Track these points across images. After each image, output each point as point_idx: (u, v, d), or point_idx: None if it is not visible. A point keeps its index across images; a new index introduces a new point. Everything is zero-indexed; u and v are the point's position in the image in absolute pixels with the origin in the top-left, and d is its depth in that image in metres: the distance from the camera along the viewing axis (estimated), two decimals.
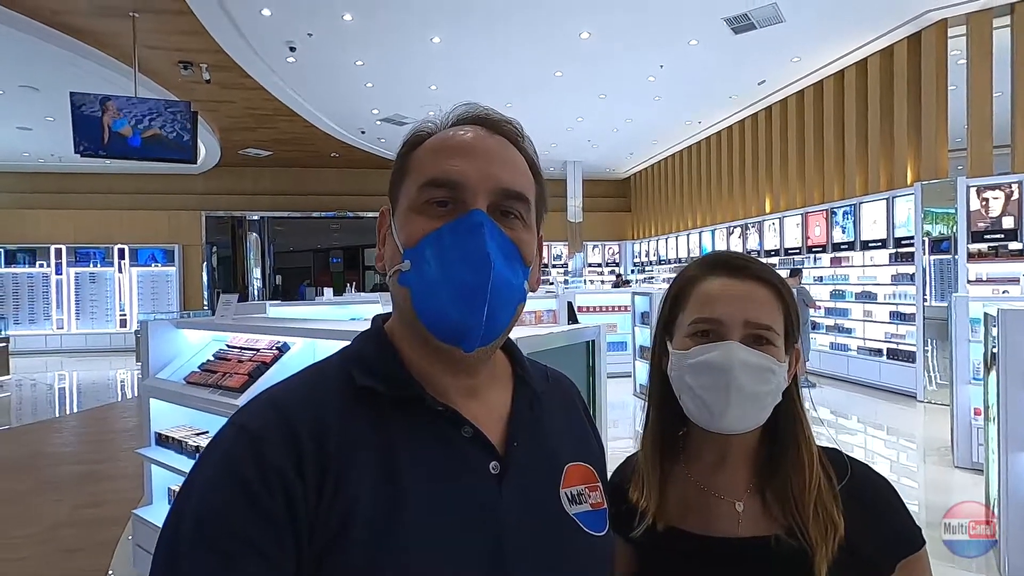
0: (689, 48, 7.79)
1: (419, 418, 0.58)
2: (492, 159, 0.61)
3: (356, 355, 0.63)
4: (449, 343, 0.58)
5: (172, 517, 0.52)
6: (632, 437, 5.99)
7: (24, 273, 13.45)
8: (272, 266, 18.18)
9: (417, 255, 0.59)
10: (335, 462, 0.53)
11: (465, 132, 0.63)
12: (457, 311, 0.56)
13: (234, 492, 0.50)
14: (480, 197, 0.59)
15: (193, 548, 0.48)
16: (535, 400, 0.68)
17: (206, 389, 2.57)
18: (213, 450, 0.55)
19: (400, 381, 0.60)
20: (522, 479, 0.61)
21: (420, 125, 0.66)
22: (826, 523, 0.71)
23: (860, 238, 8.05)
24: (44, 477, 4.72)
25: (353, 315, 4.74)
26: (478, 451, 0.60)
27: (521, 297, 0.62)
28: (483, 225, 0.58)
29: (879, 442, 5.61)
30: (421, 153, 0.63)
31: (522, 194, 0.62)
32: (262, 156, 13.87)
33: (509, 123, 0.66)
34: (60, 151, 11.83)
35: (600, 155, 13.93)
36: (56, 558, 3.26)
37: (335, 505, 0.52)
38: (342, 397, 0.58)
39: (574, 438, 0.72)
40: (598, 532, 0.65)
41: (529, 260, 0.63)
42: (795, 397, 0.78)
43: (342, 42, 7.46)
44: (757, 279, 0.75)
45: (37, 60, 7.40)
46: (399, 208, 0.63)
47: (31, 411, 7.72)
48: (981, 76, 6.88)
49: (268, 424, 0.54)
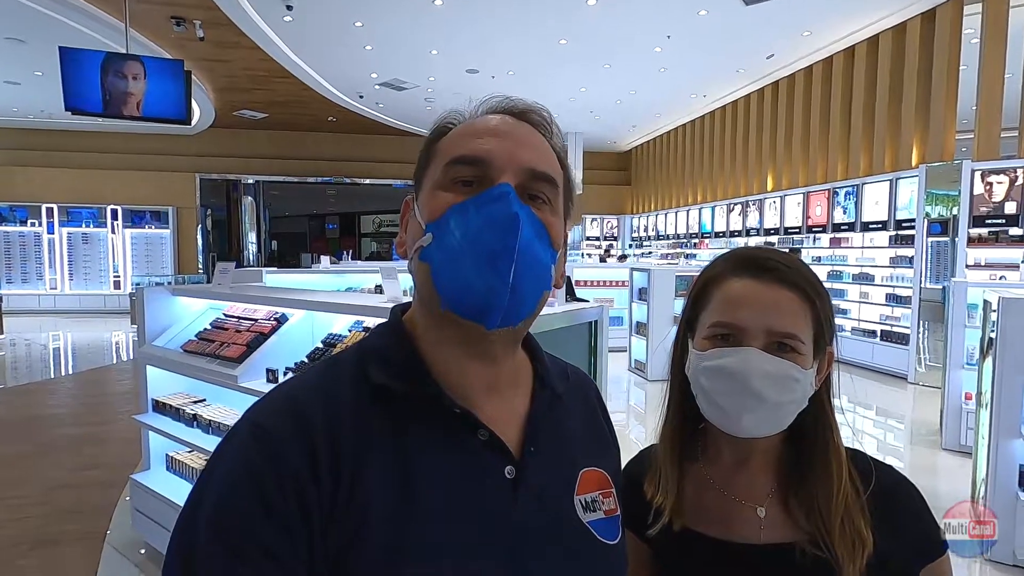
0: (698, 18, 7.58)
1: (435, 419, 0.57)
2: (519, 141, 0.60)
3: (373, 350, 0.61)
4: (470, 318, 0.55)
5: (187, 518, 0.51)
6: (626, 411, 6.07)
7: (16, 232, 13.28)
8: (267, 231, 18.02)
9: (440, 227, 0.57)
10: (350, 464, 0.52)
11: (492, 118, 0.62)
12: (480, 278, 0.54)
13: (251, 496, 0.49)
14: (507, 175, 0.58)
15: (210, 549, 0.48)
16: (554, 401, 0.66)
17: (203, 358, 2.56)
18: (227, 449, 0.54)
19: (417, 379, 0.58)
20: (537, 485, 0.60)
21: (448, 115, 0.64)
22: (853, 537, 0.68)
23: (861, 219, 8.02)
24: (41, 439, 4.74)
25: (350, 285, 4.71)
26: (494, 455, 0.58)
27: (547, 282, 0.60)
28: (509, 193, 0.56)
29: (868, 422, 5.69)
30: (448, 139, 0.62)
31: (550, 175, 0.60)
32: (257, 118, 13.59)
33: (538, 113, 0.64)
34: (50, 108, 11.54)
35: (602, 127, 13.72)
36: (55, 519, 3.29)
37: (350, 509, 0.51)
38: (357, 395, 0.57)
39: (591, 440, 0.70)
40: (611, 540, 0.64)
41: (557, 244, 0.60)
42: (826, 402, 0.75)
43: (341, 2, 7.22)
44: (786, 283, 0.70)
45: (23, 11, 7.13)
46: (423, 189, 0.61)
47: (26, 371, 7.71)
48: (994, 57, 6.74)
49: (283, 423, 0.53)
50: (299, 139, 15.08)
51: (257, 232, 17.22)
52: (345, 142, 15.28)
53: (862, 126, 8.33)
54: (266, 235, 17.88)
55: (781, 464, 0.76)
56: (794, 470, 0.74)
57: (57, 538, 3.09)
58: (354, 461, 0.52)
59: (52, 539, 3.08)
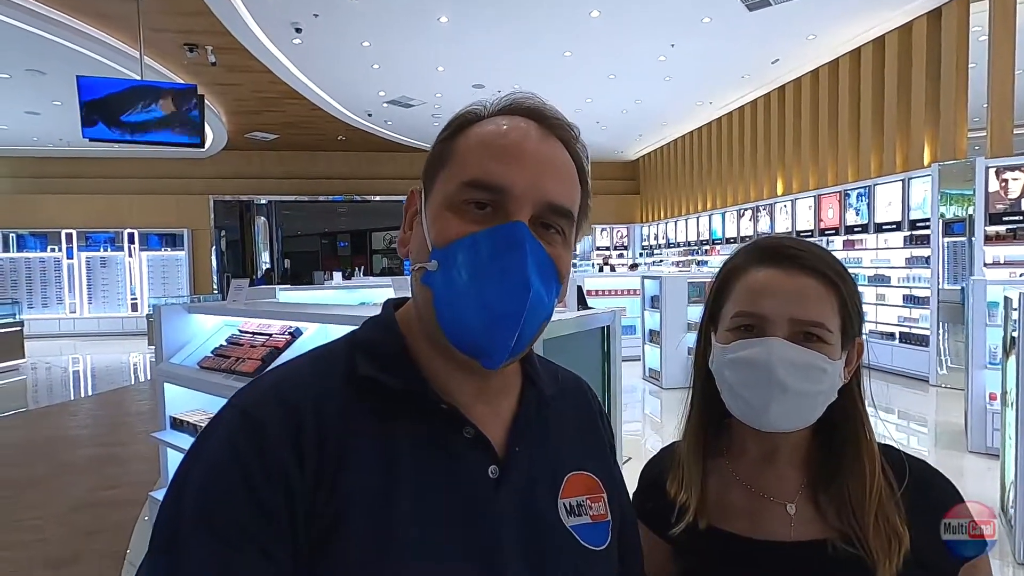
0: (702, 26, 7.61)
1: (421, 414, 0.56)
2: (543, 168, 0.56)
3: (362, 342, 0.61)
4: (469, 356, 0.55)
5: (173, 496, 0.51)
6: (641, 420, 6.01)
7: (36, 258, 13.57)
8: (280, 250, 18.24)
9: (447, 258, 0.55)
10: (334, 454, 0.52)
11: (516, 129, 0.57)
12: (484, 332, 0.53)
13: (236, 481, 0.49)
14: (524, 208, 0.55)
15: (194, 533, 0.48)
16: (543, 403, 0.65)
17: (220, 374, 2.58)
18: (213, 434, 0.53)
19: (404, 374, 0.57)
20: (521, 485, 0.59)
21: (467, 108, 0.60)
22: (888, 535, 0.66)
23: (874, 220, 7.93)
24: (61, 460, 4.80)
25: (363, 299, 4.74)
26: (478, 453, 0.57)
27: (549, 314, 0.58)
28: (524, 242, 0.53)
29: (891, 426, 5.57)
30: (465, 142, 0.58)
31: (568, 211, 0.58)
32: (268, 139, 13.83)
33: (565, 126, 0.60)
34: (68, 136, 11.84)
35: (609, 137, 13.76)
36: (75, 540, 3.32)
37: (332, 499, 0.51)
38: (345, 386, 0.56)
39: (582, 445, 0.68)
40: (596, 546, 0.62)
41: (563, 277, 0.58)
42: (856, 395, 0.73)
43: (348, 23, 7.36)
44: (808, 270, 0.68)
45: (43, 43, 7.36)
46: (433, 198, 0.58)
47: (47, 394, 7.83)
48: (1003, 53, 6.68)
49: (271, 411, 0.53)
50: (310, 158, 15.30)
51: (270, 251, 17.45)
52: (355, 160, 15.47)
53: (871, 127, 8.27)
54: (279, 254, 18.11)
55: (811, 459, 0.74)
56: (824, 465, 0.72)
57: (77, 558, 3.10)
58: (338, 452, 0.52)
59: (71, 559, 3.09)
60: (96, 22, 7.29)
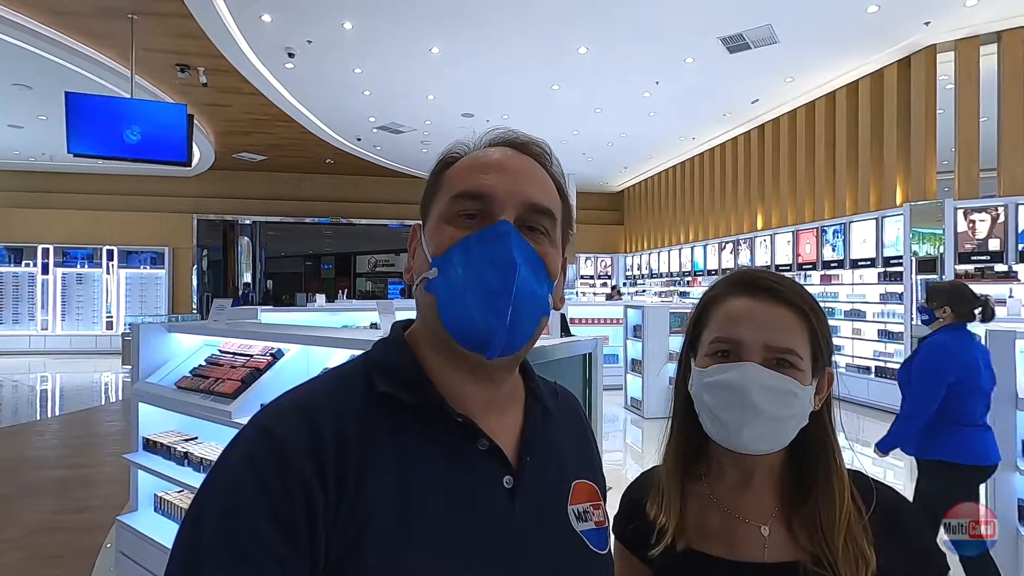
0: (685, 65, 7.90)
1: (437, 427, 0.59)
2: (520, 176, 0.63)
3: (378, 361, 0.64)
4: (472, 350, 0.58)
5: (191, 519, 0.51)
6: (623, 450, 5.99)
7: (9, 273, 13.26)
8: (263, 271, 18.05)
9: (445, 262, 0.60)
10: (354, 471, 0.54)
11: (497, 151, 0.66)
12: (481, 315, 0.57)
13: (257, 499, 0.50)
14: (508, 210, 0.61)
15: (214, 552, 0.48)
16: (546, 415, 0.69)
17: (198, 394, 2.54)
18: (235, 452, 0.55)
19: (420, 388, 0.60)
20: (534, 494, 0.62)
21: (454, 146, 0.68)
22: (856, 558, 0.69)
23: (850, 256, 8.16)
24: (25, 481, 4.62)
25: (346, 322, 4.71)
26: (493, 464, 0.60)
27: (545, 310, 0.62)
28: (509, 233, 0.59)
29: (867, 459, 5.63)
30: (454, 171, 0.65)
31: (548, 209, 0.64)
32: (256, 160, 13.83)
33: (538, 145, 0.68)
34: (51, 150, 11.73)
35: (594, 168, 14.03)
36: (36, 565, 3.18)
37: (353, 515, 0.52)
38: (363, 403, 0.59)
39: (580, 455, 0.73)
40: (601, 551, 0.66)
41: (554, 274, 0.63)
42: (827, 423, 0.76)
43: (341, 50, 7.49)
44: (783, 301, 0.73)
45: (31, 58, 7.35)
46: (430, 221, 0.65)
47: (11, 413, 7.56)
48: (968, 101, 7.03)
49: (292, 430, 0.54)
50: (296, 180, 15.31)
51: (252, 272, 17.25)
52: (342, 183, 15.52)
53: (846, 167, 8.58)
54: (262, 275, 17.91)
55: (784, 483, 0.76)
56: (797, 489, 0.75)
57: None
58: (359, 468, 0.54)
59: None
60: (88, 40, 7.31)
